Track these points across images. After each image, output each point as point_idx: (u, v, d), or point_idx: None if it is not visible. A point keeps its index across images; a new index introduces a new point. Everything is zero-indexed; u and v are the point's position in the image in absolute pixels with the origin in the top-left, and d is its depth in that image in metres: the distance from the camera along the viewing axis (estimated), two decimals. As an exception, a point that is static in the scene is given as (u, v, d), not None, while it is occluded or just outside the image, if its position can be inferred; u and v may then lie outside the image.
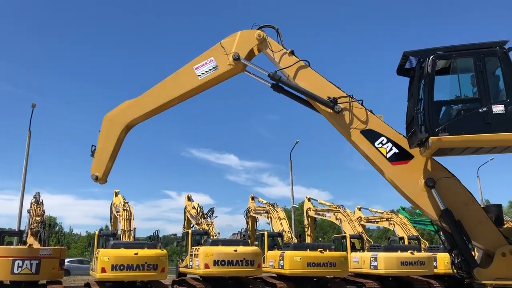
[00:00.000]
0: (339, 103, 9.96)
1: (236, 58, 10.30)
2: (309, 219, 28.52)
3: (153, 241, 18.20)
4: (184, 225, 24.93)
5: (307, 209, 28.70)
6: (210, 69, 10.46)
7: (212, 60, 10.47)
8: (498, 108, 8.46)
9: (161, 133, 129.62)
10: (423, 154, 9.40)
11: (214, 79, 10.66)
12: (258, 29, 10.59)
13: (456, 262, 9.70)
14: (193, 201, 24.42)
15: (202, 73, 10.48)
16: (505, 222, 9.83)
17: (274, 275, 20.13)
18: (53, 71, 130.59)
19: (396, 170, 9.77)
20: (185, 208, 24.93)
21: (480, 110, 8.55)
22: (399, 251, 20.23)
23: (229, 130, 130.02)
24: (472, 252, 9.59)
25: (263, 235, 22.19)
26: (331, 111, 10.00)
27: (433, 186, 9.26)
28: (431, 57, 8.90)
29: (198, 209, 22.63)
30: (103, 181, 11.26)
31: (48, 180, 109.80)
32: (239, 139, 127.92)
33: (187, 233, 20.83)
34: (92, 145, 11.24)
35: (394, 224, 27.12)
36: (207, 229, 20.72)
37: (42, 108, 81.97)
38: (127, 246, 16.50)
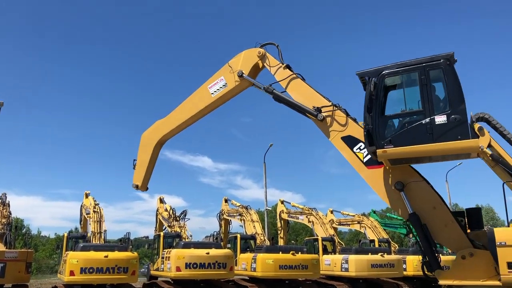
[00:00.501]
0: (323, 112, 10.76)
1: (240, 75, 11.69)
2: (282, 221, 28.58)
3: (124, 243, 17.92)
4: (156, 227, 24.62)
5: (280, 211, 28.75)
6: (221, 87, 11.92)
7: (222, 79, 11.96)
8: (440, 119, 8.85)
9: (134, 134, 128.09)
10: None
11: (225, 95, 12.19)
12: (260, 46, 11.83)
13: (422, 264, 9.98)
14: (165, 203, 24.15)
15: (215, 91, 11.98)
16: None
17: (247, 277, 20.12)
18: (20, 71, 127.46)
19: (371, 174, 10.19)
20: (157, 210, 24.63)
21: (424, 122, 8.98)
22: (370, 253, 20.52)
23: (203, 132, 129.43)
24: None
25: (236, 237, 22.14)
26: (315, 118, 10.80)
27: (401, 189, 9.53)
28: (373, 78, 9.62)
29: (171, 211, 22.39)
30: (143, 189, 13.24)
31: (15, 181, 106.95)
32: (213, 141, 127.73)
33: (159, 235, 20.61)
34: (134, 159, 13.41)
35: (365, 227, 27.52)
36: (179, 231, 20.53)
37: (9, 107, 79.79)
38: (97, 248, 16.20)
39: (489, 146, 9.01)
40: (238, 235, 22.23)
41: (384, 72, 9.66)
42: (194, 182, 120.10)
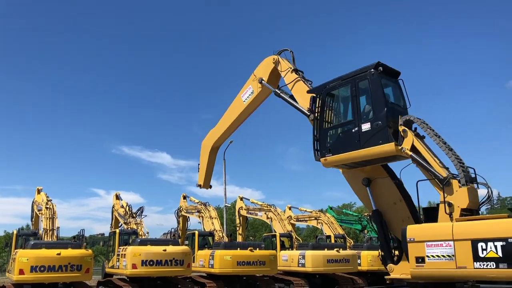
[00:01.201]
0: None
1: (260, 82, 12.86)
2: (241, 218, 28.71)
3: (77, 240, 17.44)
4: (111, 224, 24.15)
5: (239, 208, 28.87)
6: (249, 95, 13.21)
7: (250, 88, 13.24)
8: (365, 126, 9.66)
9: (91, 129, 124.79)
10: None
11: (253, 102, 13.63)
12: (278, 53, 12.76)
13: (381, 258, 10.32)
14: (121, 199, 23.71)
15: (245, 99, 13.24)
16: None
17: (204, 274, 20.06)
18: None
19: (351, 173, 10.79)
20: (113, 207, 24.16)
21: (353, 130, 9.86)
22: (326, 249, 20.90)
23: (163, 128, 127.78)
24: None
25: (193, 234, 22.03)
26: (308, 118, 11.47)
27: (367, 185, 9.84)
28: (312, 96, 10.98)
29: (127, 208, 21.98)
30: (206, 187, 15.34)
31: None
32: (173, 137, 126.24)
33: (114, 232, 20.19)
34: (198, 163, 15.92)
35: (322, 223, 28.01)
36: (135, 228, 20.20)
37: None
38: (49, 246, 15.68)
39: (413, 147, 9.34)
40: (196, 232, 22.13)
41: (326, 87, 10.65)
42: (152, 179, 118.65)
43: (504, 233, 7.09)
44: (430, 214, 9.68)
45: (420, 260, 8.19)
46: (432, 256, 7.98)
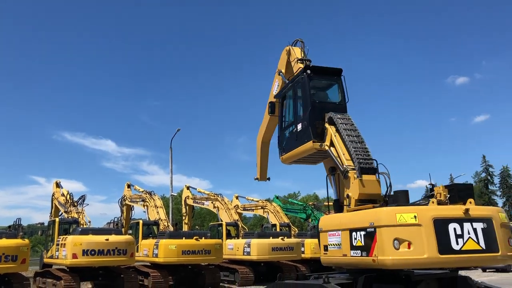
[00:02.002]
0: None
1: (279, 74, 12.64)
2: (187, 207, 28.50)
3: (13, 230, 16.67)
4: (51, 213, 23.22)
5: (185, 197, 28.65)
6: (277, 88, 12.92)
7: (276, 81, 13.07)
8: (299, 126, 10.38)
9: (30, 114, 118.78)
10: None
11: None
12: (293, 44, 12.60)
13: None
14: (62, 187, 22.82)
15: (275, 92, 12.80)
16: None
17: (148, 264, 19.80)
18: None
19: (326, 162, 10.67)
20: (52, 195, 23.21)
21: (294, 130, 10.60)
22: (271, 237, 21.20)
23: (107, 115, 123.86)
24: None
25: (138, 223, 21.64)
26: None
27: (332, 173, 9.88)
28: (270, 101, 11.74)
29: (68, 196, 21.19)
30: (263, 179, 15.00)
31: None
32: (118, 124, 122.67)
33: (54, 221, 19.44)
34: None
35: (268, 212, 28.34)
36: (76, 217, 19.53)
37: None
38: (-19, 236, 14.88)
39: (331, 143, 9.73)
40: (141, 221, 21.76)
41: (283, 91, 11.41)
42: (96, 167, 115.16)
43: (364, 222, 7.51)
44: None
45: (325, 248, 8.65)
46: (331, 244, 8.43)
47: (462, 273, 9.43)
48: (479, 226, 7.07)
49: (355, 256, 7.59)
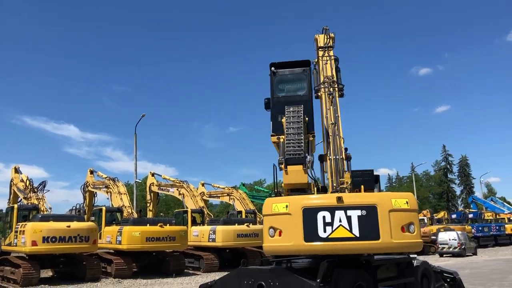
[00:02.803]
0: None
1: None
2: (152, 194, 28.29)
3: (-31, 217, 16.08)
4: (9, 199, 22.53)
5: (150, 184, 28.41)
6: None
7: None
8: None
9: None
10: None
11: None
12: (324, 32, 12.13)
13: None
14: (21, 173, 22.15)
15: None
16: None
17: (112, 251, 19.56)
18: None
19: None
20: (11, 181, 22.52)
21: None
22: (236, 224, 21.29)
23: (70, 99, 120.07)
24: None
25: (101, 210, 21.29)
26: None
27: (321, 160, 10.00)
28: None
29: (27, 182, 20.60)
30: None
31: None
32: (81, 108, 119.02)
33: (12, 208, 18.89)
34: None
35: (234, 199, 28.42)
36: (36, 204, 19.02)
37: None
38: None
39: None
40: (104, 208, 21.41)
41: None
42: (57, 152, 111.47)
43: (264, 212, 7.88)
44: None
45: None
46: None
47: (420, 258, 9.78)
48: (355, 213, 7.05)
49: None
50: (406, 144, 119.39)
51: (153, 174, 28.78)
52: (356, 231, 6.98)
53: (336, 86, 10.75)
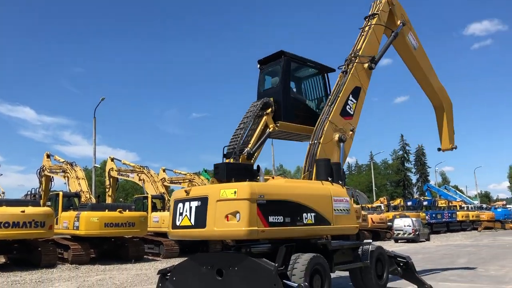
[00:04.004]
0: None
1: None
2: (111, 179, 27.79)
3: None
4: (-41, 183, 21.60)
5: (109, 169, 27.88)
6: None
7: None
8: None
9: None
10: None
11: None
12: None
13: None
14: (-28, 156, 21.24)
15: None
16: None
17: (69, 236, 19.15)
18: None
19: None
20: (-39, 165, 21.57)
21: None
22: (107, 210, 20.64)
23: (26, 80, 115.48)
24: None
25: (57, 195, 20.72)
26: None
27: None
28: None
29: (-22, 165, 19.81)
30: (445, 148, 14.96)
31: None
32: (37, 90, 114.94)
33: (-37, 192, 18.13)
34: None
35: (196, 185, 28.31)
36: (-12, 188, 18.33)
37: None
38: None
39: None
40: (61, 193, 20.86)
41: None
42: (12, 135, 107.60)
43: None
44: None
45: None
46: None
47: (376, 243, 10.12)
48: (194, 204, 7.68)
49: None
50: (366, 134, 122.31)
51: (112, 159, 28.23)
52: (193, 220, 7.65)
53: (355, 60, 11.04)
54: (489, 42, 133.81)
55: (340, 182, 8.98)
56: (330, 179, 8.83)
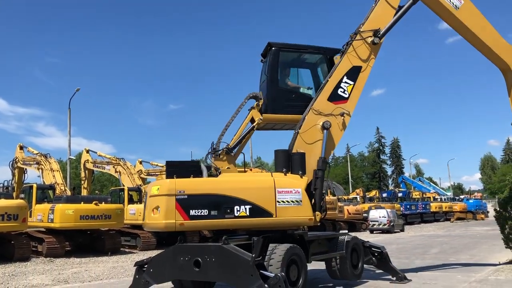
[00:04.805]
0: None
1: None
2: (87, 171, 27.44)
3: None
4: None
5: (84, 161, 27.50)
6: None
7: None
8: None
9: None
10: None
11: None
12: None
13: None
14: None
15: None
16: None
17: (43, 229, 18.84)
18: None
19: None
20: None
21: None
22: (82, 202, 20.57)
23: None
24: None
25: (31, 187, 20.35)
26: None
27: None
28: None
29: (-52, 157, 19.26)
30: None
31: None
32: (10, 81, 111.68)
33: None
34: None
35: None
36: (-41, 180, 17.87)
37: None
38: None
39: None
40: (34, 185, 20.50)
41: None
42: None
43: None
44: None
45: None
46: None
47: (351, 234, 10.30)
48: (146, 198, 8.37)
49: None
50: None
51: (87, 151, 27.86)
52: (144, 212, 8.43)
53: (354, 38, 10.16)
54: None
55: (300, 173, 8.64)
56: (284, 170, 8.65)
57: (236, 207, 7.79)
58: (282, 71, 10.27)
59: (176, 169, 8.14)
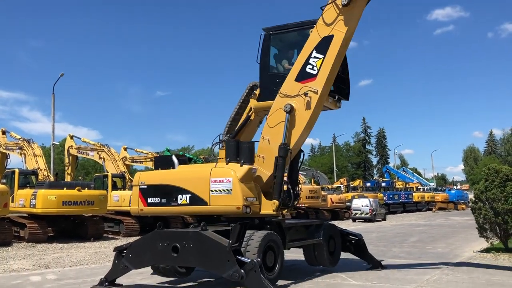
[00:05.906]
0: None
1: None
2: (70, 157, 27.28)
3: None
4: None
5: (68, 147, 27.33)
6: None
7: None
8: None
9: None
10: None
11: None
12: None
13: None
14: None
15: None
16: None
17: (25, 214, 18.78)
18: None
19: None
20: None
21: None
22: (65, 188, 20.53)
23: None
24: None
25: (13, 172, 20.25)
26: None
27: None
28: None
29: None
30: None
31: None
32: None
33: None
34: None
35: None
36: None
37: None
38: None
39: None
40: (17, 170, 20.40)
41: None
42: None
43: None
44: None
45: None
46: None
47: (334, 222, 10.51)
48: None
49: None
50: (329, 115, 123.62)
51: (72, 137, 27.67)
52: None
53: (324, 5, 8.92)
54: (451, 28, 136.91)
55: (242, 161, 8.47)
56: (228, 159, 8.68)
57: (180, 196, 8.56)
58: (278, 56, 9.89)
59: (158, 163, 9.59)
